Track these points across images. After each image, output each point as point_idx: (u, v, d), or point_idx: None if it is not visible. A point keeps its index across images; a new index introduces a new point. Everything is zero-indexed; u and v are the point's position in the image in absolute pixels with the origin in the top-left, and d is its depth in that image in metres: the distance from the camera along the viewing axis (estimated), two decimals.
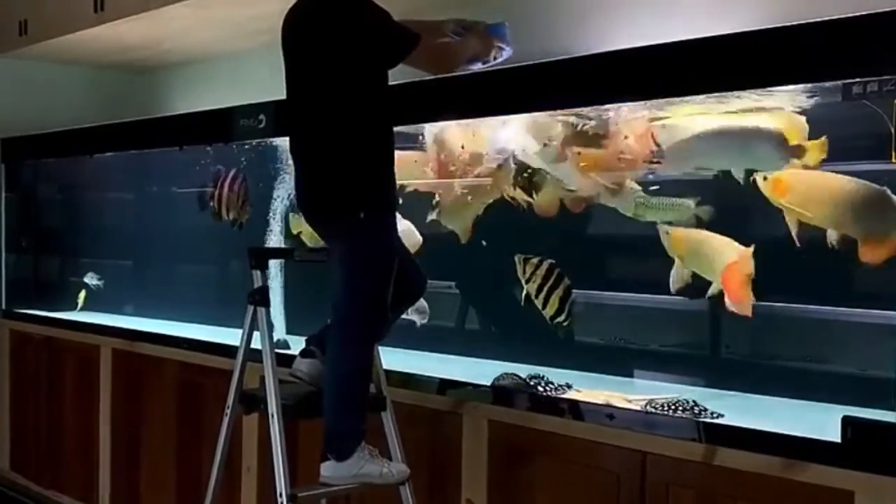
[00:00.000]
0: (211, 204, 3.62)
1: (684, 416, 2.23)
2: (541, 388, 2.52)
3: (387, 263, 2.39)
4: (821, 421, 2.05)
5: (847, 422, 1.93)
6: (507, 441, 2.53)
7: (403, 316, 2.74)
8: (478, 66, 2.61)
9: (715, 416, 2.22)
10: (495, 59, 2.61)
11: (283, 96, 2.47)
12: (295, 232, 3.37)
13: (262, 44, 3.99)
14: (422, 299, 2.91)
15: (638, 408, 2.32)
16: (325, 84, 2.38)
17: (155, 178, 4.56)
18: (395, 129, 2.47)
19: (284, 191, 3.46)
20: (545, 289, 2.73)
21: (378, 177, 2.42)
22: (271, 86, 2.67)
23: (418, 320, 3.13)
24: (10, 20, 4.51)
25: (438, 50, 2.55)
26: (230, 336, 2.77)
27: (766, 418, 2.16)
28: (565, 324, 2.74)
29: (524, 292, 2.78)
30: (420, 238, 3.10)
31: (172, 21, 3.87)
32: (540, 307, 2.75)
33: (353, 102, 2.38)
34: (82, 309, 4.65)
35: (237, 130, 3.41)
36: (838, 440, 1.94)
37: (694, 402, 2.29)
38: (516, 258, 2.82)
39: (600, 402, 2.39)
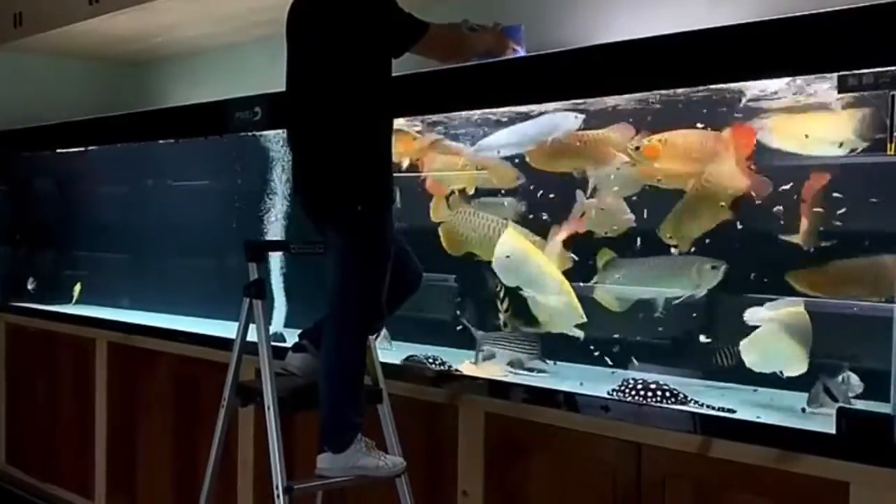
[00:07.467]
0: None
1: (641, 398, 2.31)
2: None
3: (383, 258, 2.38)
4: None
5: (841, 413, 1.94)
6: (504, 433, 2.53)
7: None
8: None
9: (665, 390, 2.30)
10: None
11: (280, 89, 2.46)
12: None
13: (258, 36, 3.99)
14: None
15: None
16: (328, 72, 2.37)
17: (150, 170, 4.55)
18: None
19: None
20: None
21: (377, 169, 2.41)
22: (267, 78, 2.67)
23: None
24: (4, 12, 4.49)
25: (449, 39, 2.53)
26: (226, 329, 2.77)
27: None
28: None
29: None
30: None
31: (167, 13, 3.86)
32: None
33: (355, 92, 2.36)
34: (77, 302, 4.65)
35: (233, 123, 3.40)
36: (833, 431, 1.94)
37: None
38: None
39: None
